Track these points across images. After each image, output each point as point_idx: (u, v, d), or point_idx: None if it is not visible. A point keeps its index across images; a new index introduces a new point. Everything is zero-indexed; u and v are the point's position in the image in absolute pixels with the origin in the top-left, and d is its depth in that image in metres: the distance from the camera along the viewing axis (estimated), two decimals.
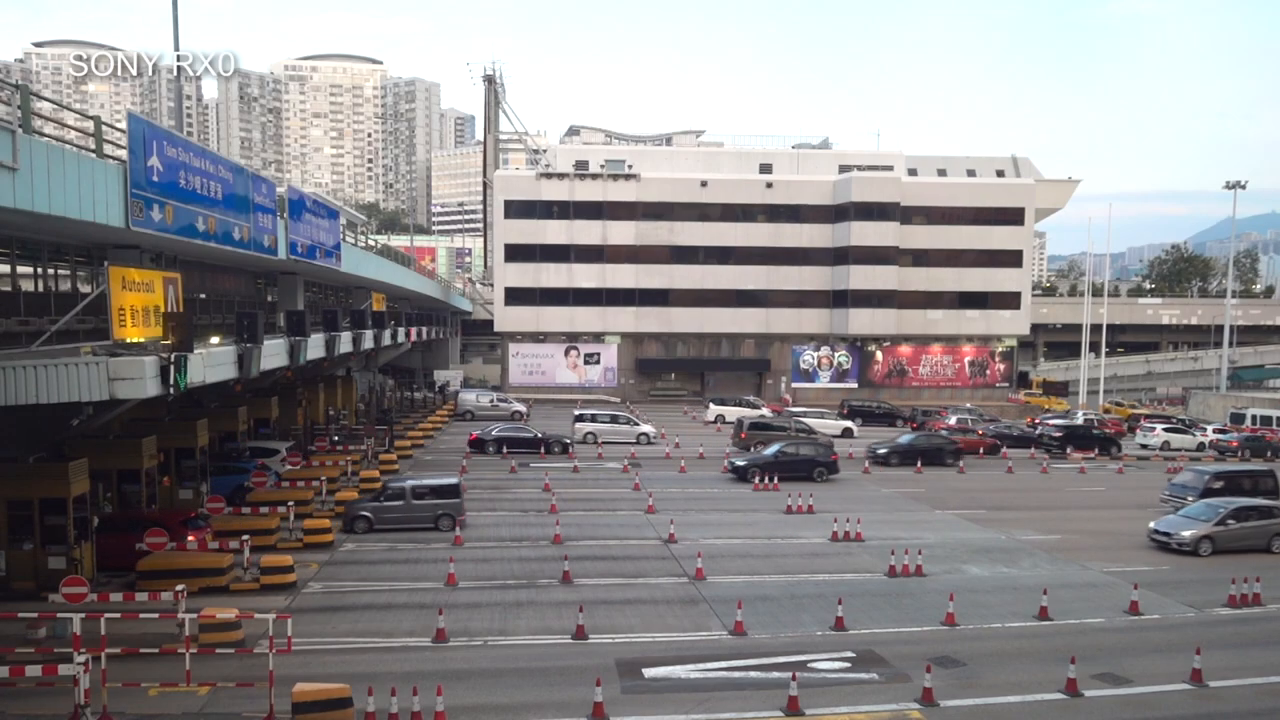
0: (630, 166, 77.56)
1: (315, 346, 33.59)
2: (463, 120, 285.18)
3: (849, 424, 58.20)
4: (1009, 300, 79.00)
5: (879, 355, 79.38)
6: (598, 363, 77.71)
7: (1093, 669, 19.63)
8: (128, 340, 20.20)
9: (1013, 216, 78.12)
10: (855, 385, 78.50)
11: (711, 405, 64.63)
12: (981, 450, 51.73)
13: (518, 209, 75.85)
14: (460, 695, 17.46)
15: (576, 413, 55.69)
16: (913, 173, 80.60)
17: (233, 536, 25.28)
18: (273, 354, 28.40)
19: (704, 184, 75.91)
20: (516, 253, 76.12)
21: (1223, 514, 30.88)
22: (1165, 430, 57.58)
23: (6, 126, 15.53)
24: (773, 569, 27.45)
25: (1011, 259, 78.46)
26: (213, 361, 22.99)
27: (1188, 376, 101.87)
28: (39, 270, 29.79)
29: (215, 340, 25.89)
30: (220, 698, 17.29)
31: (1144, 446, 56.11)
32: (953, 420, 59.95)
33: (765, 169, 79.06)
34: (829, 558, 28.95)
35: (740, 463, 41.99)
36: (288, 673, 17.24)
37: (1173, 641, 21.70)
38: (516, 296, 76.41)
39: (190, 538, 24.37)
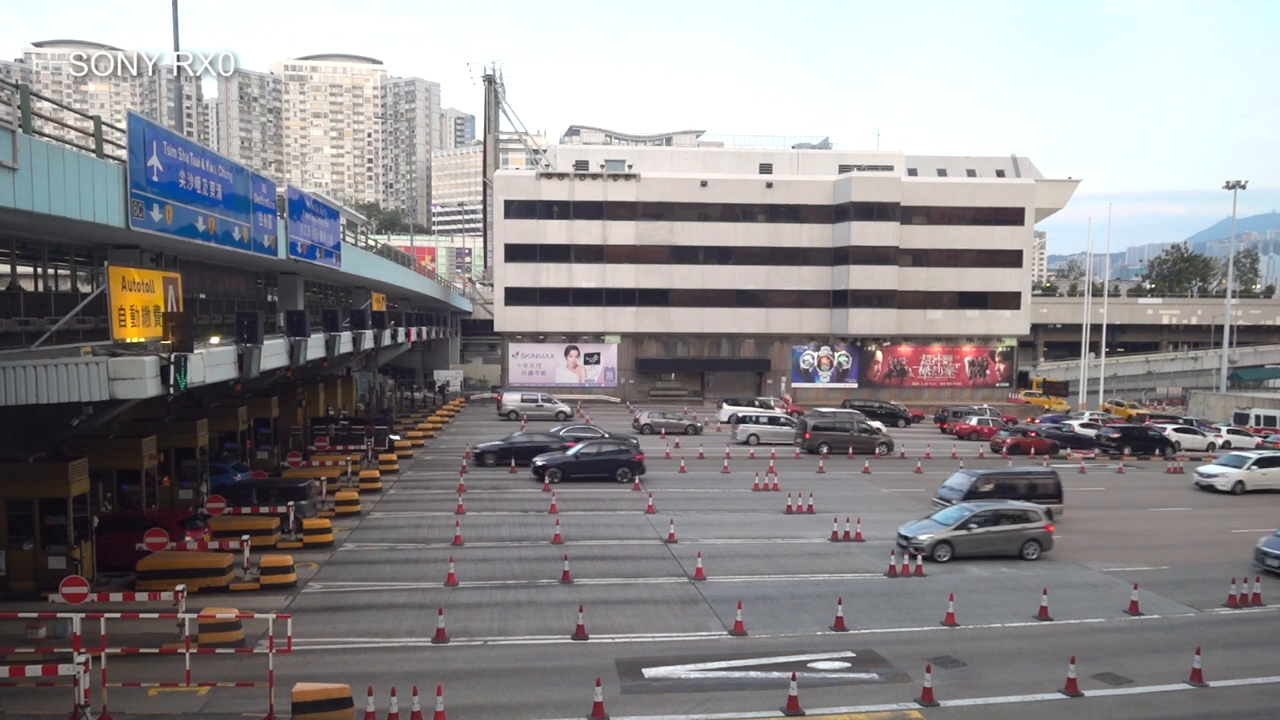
0: (630, 166, 77.55)
1: (315, 346, 33.59)
2: (463, 120, 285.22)
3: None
4: (1009, 300, 79.02)
5: (879, 355, 79.38)
6: (598, 363, 77.72)
7: (1093, 669, 19.63)
8: (128, 340, 20.20)
9: (1013, 216, 78.12)
10: (855, 385, 78.54)
11: (725, 405, 64.46)
12: (1035, 450, 52.38)
13: (518, 209, 75.86)
14: (460, 695, 17.46)
15: (740, 414, 55.72)
16: (913, 173, 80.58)
17: (232, 536, 25.29)
18: (273, 354, 28.40)
19: (704, 184, 75.92)
20: (516, 253, 76.12)
21: (965, 518, 28.85)
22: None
23: (6, 126, 15.52)
24: (773, 569, 27.45)
25: (1011, 259, 78.47)
26: (213, 361, 22.98)
27: (1188, 376, 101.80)
28: (39, 270, 29.84)
29: (215, 340, 25.88)
30: (220, 698, 17.28)
31: None
32: (973, 420, 60.25)
33: (765, 169, 79.04)
34: (829, 558, 28.95)
35: (540, 462, 41.14)
36: (288, 673, 17.25)
37: (1173, 641, 21.70)
38: (516, 296, 76.42)
39: (188, 537, 24.37)
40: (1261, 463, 42.70)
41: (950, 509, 30.48)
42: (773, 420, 54.44)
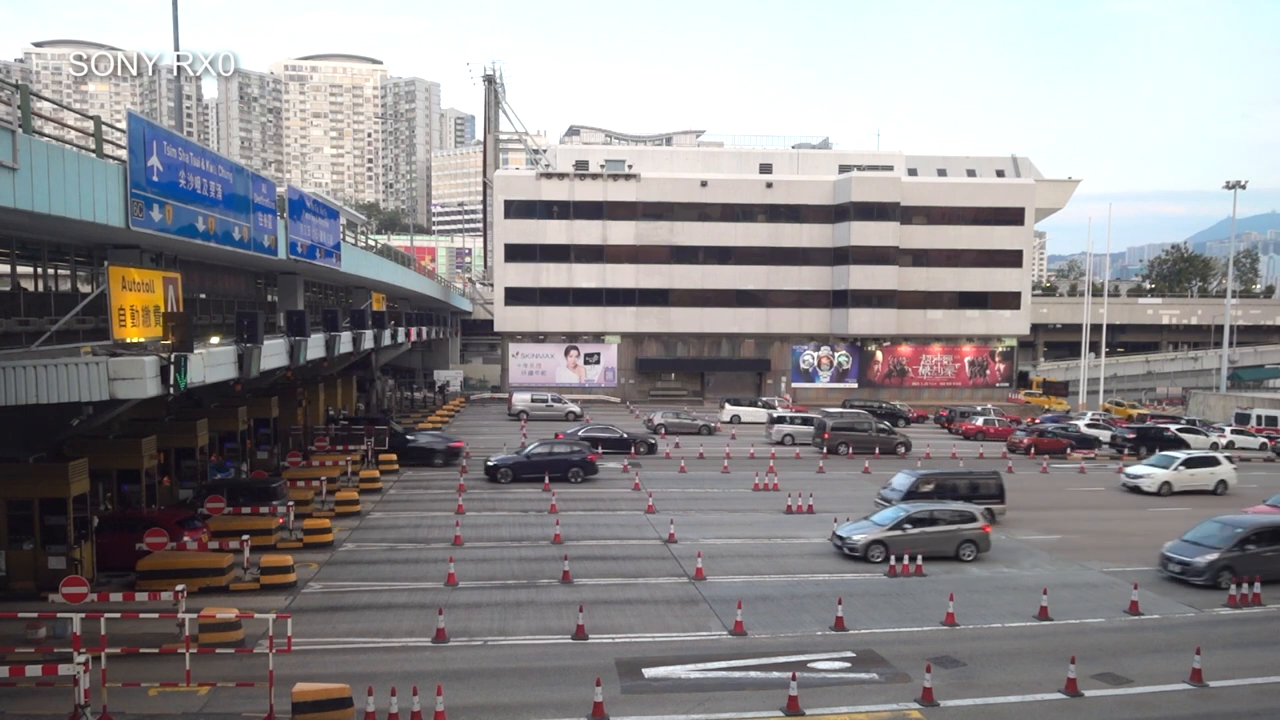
0: (630, 166, 77.56)
1: (315, 346, 33.56)
2: (463, 120, 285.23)
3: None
4: (1009, 300, 79.06)
5: (879, 355, 79.40)
6: (598, 363, 77.73)
7: (1093, 669, 19.63)
8: (128, 340, 20.19)
9: (1013, 216, 78.16)
10: (855, 385, 78.56)
11: (727, 405, 64.72)
12: (1036, 449, 52.56)
13: (518, 209, 75.87)
14: (460, 695, 17.45)
15: (775, 414, 57.39)
16: (913, 173, 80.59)
17: (232, 536, 25.28)
18: (273, 354, 28.37)
19: (704, 184, 75.93)
20: (516, 253, 76.14)
21: (900, 519, 28.68)
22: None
23: (6, 126, 15.51)
24: (773, 569, 27.45)
25: (1011, 259, 78.51)
26: (213, 361, 22.96)
27: (1187, 376, 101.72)
28: (39, 270, 29.82)
29: (215, 340, 25.86)
30: (220, 698, 17.28)
31: None
32: (979, 421, 60.39)
33: (765, 169, 79.06)
34: (829, 558, 28.94)
35: (490, 462, 40.93)
36: (288, 673, 17.25)
37: (1173, 641, 21.70)
38: (516, 296, 76.44)
39: (188, 537, 24.37)
40: (1189, 463, 42.36)
41: (888, 510, 30.30)
42: (805, 420, 55.86)
